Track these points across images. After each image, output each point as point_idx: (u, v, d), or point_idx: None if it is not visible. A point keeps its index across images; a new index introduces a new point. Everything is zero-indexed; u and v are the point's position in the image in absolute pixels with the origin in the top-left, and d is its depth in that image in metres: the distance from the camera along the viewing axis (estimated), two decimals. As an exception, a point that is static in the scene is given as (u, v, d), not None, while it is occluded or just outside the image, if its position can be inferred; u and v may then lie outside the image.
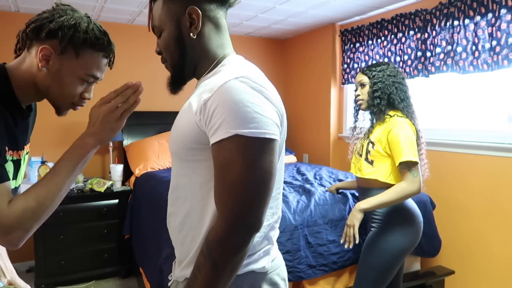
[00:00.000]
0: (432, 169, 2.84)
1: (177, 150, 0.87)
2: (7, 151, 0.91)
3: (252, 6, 3.09)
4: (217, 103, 0.75)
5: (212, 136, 0.76)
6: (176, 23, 0.88)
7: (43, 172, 2.84)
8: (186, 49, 0.89)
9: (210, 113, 0.76)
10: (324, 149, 3.84)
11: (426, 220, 2.45)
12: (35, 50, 0.93)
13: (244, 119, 0.73)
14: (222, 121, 0.74)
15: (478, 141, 2.53)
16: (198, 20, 0.87)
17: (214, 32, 0.91)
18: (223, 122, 0.74)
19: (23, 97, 0.97)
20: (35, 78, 0.95)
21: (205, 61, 0.91)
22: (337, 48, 3.69)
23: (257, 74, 0.84)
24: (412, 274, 2.44)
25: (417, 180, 1.76)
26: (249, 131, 0.73)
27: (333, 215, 2.18)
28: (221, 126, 0.74)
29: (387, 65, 1.90)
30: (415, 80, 2.94)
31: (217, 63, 0.90)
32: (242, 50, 4.18)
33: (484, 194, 2.50)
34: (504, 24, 2.25)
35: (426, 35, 2.76)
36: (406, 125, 1.80)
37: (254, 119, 0.74)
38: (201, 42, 0.90)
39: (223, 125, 0.74)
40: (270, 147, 0.76)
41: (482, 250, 2.53)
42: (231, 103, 0.74)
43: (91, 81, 0.99)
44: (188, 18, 0.87)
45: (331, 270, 2.10)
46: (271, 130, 0.76)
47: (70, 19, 0.93)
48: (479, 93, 2.62)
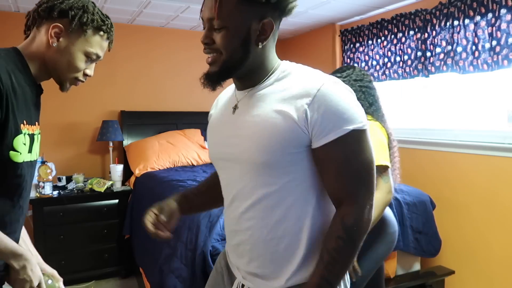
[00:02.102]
0: (432, 169, 2.84)
1: (270, 159, 0.87)
2: (25, 125, 1.00)
3: (252, 6, 3.09)
4: (324, 106, 0.83)
5: (324, 136, 0.83)
6: (247, 27, 0.87)
7: (43, 172, 2.84)
8: (249, 54, 0.90)
9: (320, 116, 0.83)
10: (324, 149, 3.83)
11: (426, 220, 2.46)
12: (45, 28, 1.02)
13: (353, 116, 0.84)
14: (335, 122, 0.83)
15: (478, 141, 2.52)
16: (269, 33, 0.89)
17: (272, 44, 0.95)
18: (337, 122, 0.83)
19: (36, 75, 1.05)
20: (44, 55, 1.03)
21: (262, 70, 0.94)
22: (337, 48, 3.68)
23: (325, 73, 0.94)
24: (412, 274, 2.44)
25: (389, 186, 1.63)
26: (359, 124, 0.84)
27: (333, 215, 2.17)
28: (336, 125, 0.83)
29: (353, 69, 1.83)
30: (415, 80, 2.95)
31: (273, 71, 0.94)
32: (242, 50, 4.19)
33: (484, 194, 2.49)
34: (504, 24, 2.25)
35: (426, 35, 2.76)
36: (377, 127, 1.72)
37: (357, 114, 0.85)
38: (264, 52, 0.92)
39: (338, 124, 0.83)
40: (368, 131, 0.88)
41: (482, 250, 2.53)
42: (338, 103, 0.83)
43: (94, 58, 1.08)
44: (260, 27, 0.88)
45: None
46: (366, 118, 0.88)
47: (79, 1, 1.04)
48: (479, 93, 2.62)
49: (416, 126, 3.04)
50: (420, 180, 2.91)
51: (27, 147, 1.02)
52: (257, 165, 0.89)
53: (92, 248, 3.02)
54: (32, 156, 1.07)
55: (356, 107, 0.86)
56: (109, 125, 3.35)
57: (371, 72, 3.27)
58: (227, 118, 0.99)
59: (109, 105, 3.63)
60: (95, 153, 3.58)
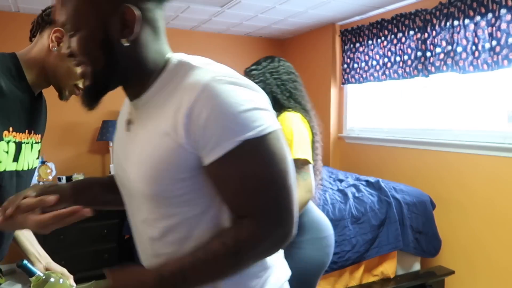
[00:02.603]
0: (432, 169, 2.84)
1: (158, 190, 0.71)
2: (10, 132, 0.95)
3: (252, 6, 3.09)
4: (206, 114, 0.64)
5: (210, 152, 0.66)
6: (102, 24, 0.69)
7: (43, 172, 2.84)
8: (115, 57, 0.71)
9: (201, 127, 0.65)
10: (324, 149, 3.82)
11: (426, 220, 2.46)
12: (47, 33, 1.00)
13: (244, 122, 0.65)
14: (221, 132, 0.64)
15: (478, 141, 2.53)
16: (134, 23, 0.68)
17: (152, 38, 0.73)
18: (223, 133, 0.64)
19: (33, 82, 1.02)
20: (44, 60, 1.00)
21: (144, 73, 0.74)
22: (337, 48, 3.68)
23: (225, 67, 0.72)
24: (412, 274, 2.44)
25: (308, 183, 1.45)
26: (254, 131, 0.65)
27: (333, 215, 2.18)
28: (222, 137, 0.65)
29: (270, 59, 1.67)
30: (415, 80, 2.95)
31: (161, 72, 0.74)
32: (242, 50, 4.19)
33: (484, 194, 2.49)
34: (504, 24, 2.25)
35: (426, 35, 2.76)
36: (297, 119, 1.54)
37: (252, 118, 0.66)
38: (137, 50, 0.71)
39: (225, 135, 0.64)
40: (278, 136, 0.69)
41: (482, 250, 2.53)
42: (223, 108, 0.64)
43: None
44: (120, 19, 0.68)
45: (331, 270, 2.10)
46: (271, 120, 0.69)
47: None
48: (479, 93, 2.62)
49: (416, 126, 3.04)
50: (420, 180, 2.91)
51: (10, 156, 0.95)
52: (148, 196, 0.73)
53: (92, 248, 3.02)
54: (19, 166, 1.00)
55: (251, 111, 0.66)
56: (109, 125, 3.35)
57: (371, 72, 3.27)
58: (121, 135, 0.83)
59: (109, 105, 3.59)
60: (95, 153, 3.58)
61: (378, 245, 2.25)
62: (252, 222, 0.68)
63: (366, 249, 2.21)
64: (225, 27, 3.80)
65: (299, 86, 1.67)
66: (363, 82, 3.37)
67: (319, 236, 1.54)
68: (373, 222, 2.26)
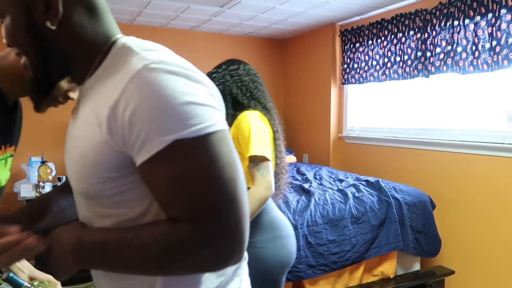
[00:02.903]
0: (432, 169, 2.84)
1: (87, 188, 0.64)
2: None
3: (252, 6, 3.09)
4: (132, 108, 0.55)
5: (139, 152, 0.56)
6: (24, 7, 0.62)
7: (43, 172, 2.84)
8: (44, 43, 0.64)
9: (126, 124, 0.56)
10: (324, 149, 3.84)
11: (426, 220, 2.46)
12: None
13: (178, 117, 0.55)
14: (149, 130, 0.55)
15: (478, 141, 2.53)
16: (57, 3, 0.61)
17: (87, 18, 0.65)
18: (151, 130, 0.55)
19: (9, 91, 0.92)
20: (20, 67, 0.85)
21: (82, 57, 0.66)
22: (337, 48, 3.68)
23: (170, 54, 0.63)
24: (412, 274, 2.44)
25: (267, 180, 1.41)
26: (191, 130, 0.55)
27: (333, 215, 2.18)
28: (150, 135, 0.55)
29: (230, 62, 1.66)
30: (415, 80, 2.95)
31: (104, 56, 0.65)
32: (242, 50, 4.19)
33: (484, 194, 2.49)
34: (504, 24, 2.25)
35: (426, 35, 2.76)
36: (257, 117, 1.52)
37: (192, 113, 0.55)
38: (69, 32, 0.64)
39: (153, 134, 0.55)
40: (223, 138, 0.59)
41: (482, 250, 2.53)
42: (152, 101, 0.55)
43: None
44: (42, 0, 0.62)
45: (331, 270, 2.10)
46: (215, 119, 0.58)
47: None
48: (479, 93, 2.62)
49: (416, 126, 3.04)
50: (420, 180, 2.91)
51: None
52: (80, 194, 0.68)
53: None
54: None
55: (188, 105, 0.55)
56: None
57: (371, 72, 3.27)
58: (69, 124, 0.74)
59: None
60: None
61: (378, 245, 2.25)
62: (187, 228, 0.58)
63: (366, 249, 2.21)
64: (225, 27, 3.80)
65: (260, 86, 1.65)
66: (363, 82, 3.37)
67: (279, 235, 1.50)
68: (373, 222, 2.26)
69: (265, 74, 4.37)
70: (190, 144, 0.55)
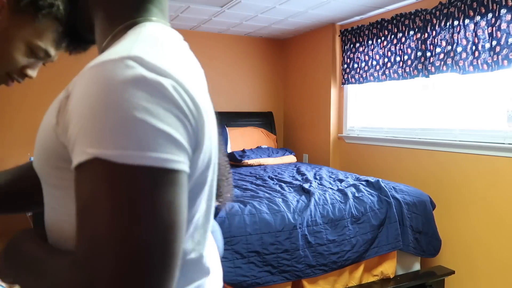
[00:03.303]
0: (432, 169, 2.84)
1: (41, 168, 0.55)
2: None
3: (252, 6, 3.09)
4: (73, 104, 0.45)
5: (72, 154, 0.45)
6: None
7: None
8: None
9: (66, 119, 0.46)
10: (324, 149, 3.84)
11: (426, 220, 2.46)
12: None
13: (114, 131, 0.41)
14: (79, 131, 0.43)
15: (478, 141, 2.52)
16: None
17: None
18: (80, 133, 0.43)
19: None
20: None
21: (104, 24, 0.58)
22: (337, 48, 3.69)
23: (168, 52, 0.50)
24: (412, 274, 2.43)
25: None
26: (121, 153, 0.41)
27: (333, 215, 2.18)
28: (78, 139, 0.43)
29: None
30: (415, 80, 2.95)
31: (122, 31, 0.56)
32: (242, 50, 4.19)
33: (484, 194, 2.49)
34: (504, 24, 2.25)
35: (426, 35, 2.77)
36: None
37: (134, 132, 0.41)
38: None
39: (80, 139, 0.43)
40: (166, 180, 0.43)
41: (482, 250, 2.53)
42: (95, 101, 0.43)
43: (41, 56, 0.80)
44: None
45: (331, 269, 2.10)
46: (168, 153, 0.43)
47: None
48: (479, 93, 2.62)
49: (416, 126, 3.04)
50: (420, 180, 2.91)
51: None
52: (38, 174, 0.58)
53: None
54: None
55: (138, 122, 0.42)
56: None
57: (371, 72, 3.27)
58: None
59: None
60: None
61: (378, 245, 2.25)
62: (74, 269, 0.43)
63: (366, 249, 2.21)
64: (225, 27, 3.80)
65: None
66: (363, 82, 3.37)
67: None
68: (373, 222, 2.26)
69: (265, 74, 4.37)
70: (112, 169, 0.41)
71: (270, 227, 1.99)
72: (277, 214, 2.06)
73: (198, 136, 0.48)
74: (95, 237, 0.41)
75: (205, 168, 0.53)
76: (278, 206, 2.12)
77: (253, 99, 4.34)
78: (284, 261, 1.97)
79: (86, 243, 0.42)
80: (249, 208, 2.05)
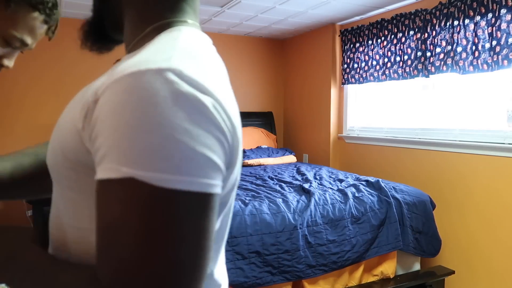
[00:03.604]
0: (432, 169, 2.84)
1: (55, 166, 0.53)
2: None
3: (252, 6, 3.09)
4: (108, 110, 0.42)
5: (98, 165, 0.42)
6: None
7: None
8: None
9: (97, 125, 0.43)
10: (324, 149, 3.84)
11: (426, 220, 2.46)
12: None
13: (153, 152, 0.39)
14: (112, 146, 0.41)
15: (478, 141, 2.53)
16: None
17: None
18: (113, 148, 0.40)
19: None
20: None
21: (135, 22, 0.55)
22: (337, 48, 3.69)
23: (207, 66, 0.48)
24: (412, 274, 2.44)
25: None
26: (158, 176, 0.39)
27: (333, 215, 2.18)
28: (110, 154, 0.41)
29: None
30: (415, 80, 2.95)
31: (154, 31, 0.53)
32: (242, 50, 4.19)
33: (484, 194, 2.50)
34: (504, 24, 2.25)
35: (426, 35, 2.77)
36: None
37: (174, 155, 0.40)
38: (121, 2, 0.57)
39: (112, 154, 0.40)
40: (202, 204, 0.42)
41: (482, 250, 2.53)
42: (133, 117, 0.40)
43: (17, 46, 0.76)
44: None
45: (331, 270, 2.10)
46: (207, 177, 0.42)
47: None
48: (479, 93, 2.62)
49: (416, 126, 3.04)
50: (420, 180, 2.91)
51: None
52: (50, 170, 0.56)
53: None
54: None
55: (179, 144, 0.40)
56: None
57: (371, 72, 3.27)
58: None
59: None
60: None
61: (378, 245, 2.25)
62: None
63: (366, 249, 2.21)
64: (225, 27, 3.80)
65: None
66: (363, 82, 3.37)
67: None
68: (373, 222, 2.26)
69: (265, 74, 4.37)
70: (148, 192, 0.39)
71: (270, 227, 1.99)
72: (277, 214, 2.06)
73: (233, 155, 0.47)
74: (124, 260, 0.40)
75: (231, 188, 0.52)
76: (278, 206, 2.12)
77: (253, 99, 4.34)
78: (285, 262, 1.97)
79: (114, 264, 0.40)
80: (250, 209, 2.05)
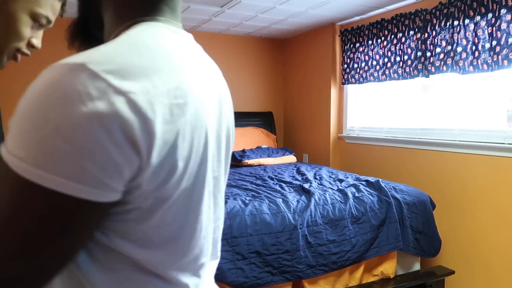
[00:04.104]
0: (432, 169, 2.84)
1: None
2: None
3: (252, 6, 3.09)
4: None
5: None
6: None
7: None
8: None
9: None
10: (324, 149, 3.84)
11: (426, 220, 2.46)
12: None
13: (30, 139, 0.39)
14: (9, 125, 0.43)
15: (478, 141, 2.53)
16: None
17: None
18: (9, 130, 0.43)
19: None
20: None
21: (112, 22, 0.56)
22: (337, 48, 3.69)
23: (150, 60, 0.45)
24: (412, 274, 2.44)
25: None
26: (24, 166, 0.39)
27: (333, 215, 2.18)
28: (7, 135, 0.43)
29: None
30: (415, 80, 2.95)
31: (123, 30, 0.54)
32: (242, 50, 4.19)
33: (484, 194, 2.50)
34: (504, 24, 2.25)
35: (426, 35, 2.77)
36: None
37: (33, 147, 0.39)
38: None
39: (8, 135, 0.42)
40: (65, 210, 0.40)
41: (482, 250, 2.53)
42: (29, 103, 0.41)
43: (44, 23, 0.79)
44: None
45: (331, 270, 2.10)
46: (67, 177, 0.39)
47: None
48: (479, 93, 2.62)
49: (416, 126, 3.04)
50: (420, 180, 2.91)
51: None
52: None
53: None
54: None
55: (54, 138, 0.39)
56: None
57: (371, 72, 3.27)
58: None
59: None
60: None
61: (378, 245, 2.25)
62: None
63: (366, 249, 2.21)
64: (225, 27, 3.80)
65: None
66: (363, 82, 3.37)
67: None
68: (373, 222, 2.26)
69: (265, 74, 4.37)
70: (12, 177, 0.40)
71: (270, 227, 1.99)
72: (277, 214, 2.06)
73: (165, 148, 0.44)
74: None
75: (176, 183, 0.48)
76: (278, 206, 2.12)
77: (253, 99, 4.34)
78: (285, 262, 1.97)
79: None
80: (250, 209, 2.05)
